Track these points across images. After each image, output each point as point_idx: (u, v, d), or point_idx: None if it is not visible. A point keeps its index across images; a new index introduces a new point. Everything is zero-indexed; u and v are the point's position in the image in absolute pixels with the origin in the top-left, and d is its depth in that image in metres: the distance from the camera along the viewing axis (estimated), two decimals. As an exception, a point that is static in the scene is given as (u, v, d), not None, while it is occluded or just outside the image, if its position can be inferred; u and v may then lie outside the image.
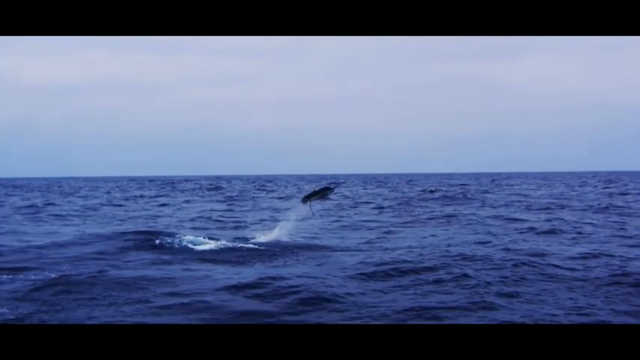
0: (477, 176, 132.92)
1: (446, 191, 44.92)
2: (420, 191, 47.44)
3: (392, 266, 11.12)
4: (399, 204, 31.90)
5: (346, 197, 40.15)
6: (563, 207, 27.59)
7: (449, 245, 14.36)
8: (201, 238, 15.79)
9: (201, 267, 12.00)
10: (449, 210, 26.48)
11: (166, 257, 13.16)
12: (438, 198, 36.60)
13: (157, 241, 15.18)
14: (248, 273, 11.12)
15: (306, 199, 15.92)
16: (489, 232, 17.17)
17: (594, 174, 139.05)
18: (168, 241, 15.35)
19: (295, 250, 13.97)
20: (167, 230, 17.61)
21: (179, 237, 15.89)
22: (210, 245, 14.78)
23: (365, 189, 56.58)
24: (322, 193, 15.40)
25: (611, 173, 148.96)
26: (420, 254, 12.61)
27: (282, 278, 10.18)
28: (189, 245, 14.80)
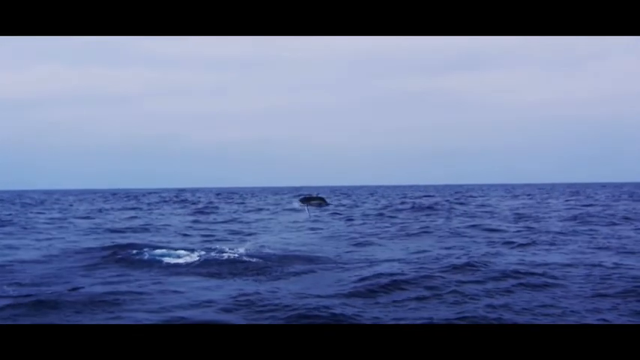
0: (438, 188, 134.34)
1: (414, 203, 45.12)
2: (388, 203, 47.62)
3: (376, 280, 10.86)
4: (368, 215, 31.81)
5: (315, 208, 40.04)
6: (531, 217, 27.93)
7: (432, 257, 14.22)
8: (175, 251, 15.28)
9: (176, 281, 11.58)
10: (423, 221, 26.50)
11: (139, 272, 12.68)
12: (409, 209, 36.70)
13: (130, 255, 14.66)
14: (224, 288, 10.74)
15: (304, 201, 15.90)
16: (468, 243, 17.15)
17: (553, 186, 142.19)
18: (142, 254, 14.84)
19: (271, 264, 13.60)
20: (139, 243, 17.06)
21: (152, 250, 15.37)
22: (185, 259, 14.31)
23: (330, 200, 56.54)
24: (318, 201, 15.37)
25: (570, 185, 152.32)
26: (402, 268, 12.39)
27: (258, 294, 9.83)
28: (163, 259, 14.31)
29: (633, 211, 30.91)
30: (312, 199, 16.09)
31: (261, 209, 40.03)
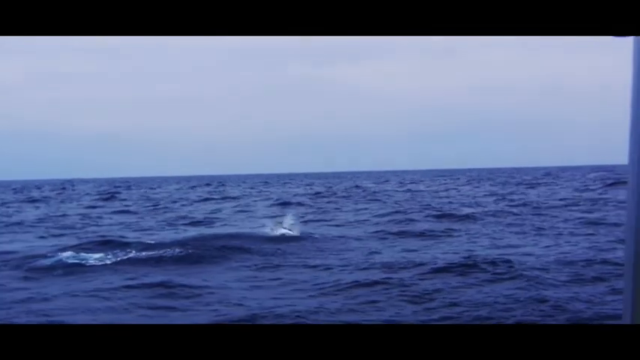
0: (326, 176, 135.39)
1: (326, 191, 44.93)
2: (305, 192, 47.21)
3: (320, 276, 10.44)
4: (271, 206, 31.20)
5: (226, 198, 39.21)
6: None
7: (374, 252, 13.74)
8: (84, 254, 13.69)
9: (85, 284, 10.54)
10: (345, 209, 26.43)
11: (39, 277, 11.36)
12: (324, 197, 36.73)
13: (34, 260, 12.96)
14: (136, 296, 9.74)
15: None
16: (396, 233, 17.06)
17: (424, 172, 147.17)
18: (47, 259, 13.12)
19: (193, 260, 12.82)
20: (37, 245, 15.53)
21: (59, 253, 13.69)
22: (96, 261, 12.91)
23: (234, 188, 55.54)
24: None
25: (441, 171, 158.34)
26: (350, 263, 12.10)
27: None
28: (73, 261, 12.84)
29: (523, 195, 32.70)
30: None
31: (169, 207, 38.53)
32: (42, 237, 18.70)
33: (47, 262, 12.88)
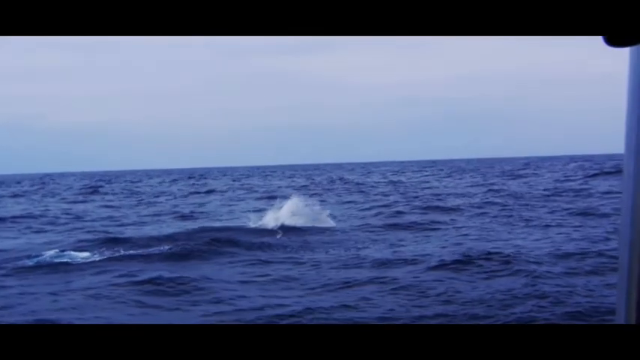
0: (306, 168, 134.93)
1: (312, 183, 44.84)
2: (284, 184, 47.07)
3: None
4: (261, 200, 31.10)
5: (211, 191, 38.94)
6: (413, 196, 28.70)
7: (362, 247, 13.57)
8: (70, 252, 13.34)
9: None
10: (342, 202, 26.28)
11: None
12: (309, 189, 36.53)
13: (21, 259, 12.59)
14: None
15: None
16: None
17: (414, 162, 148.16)
18: (29, 259, 12.68)
19: (182, 256, 12.53)
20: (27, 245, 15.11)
21: (42, 252, 13.27)
22: (86, 259, 12.55)
23: (222, 181, 55.24)
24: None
25: (427, 162, 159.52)
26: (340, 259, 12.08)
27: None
28: (59, 260, 12.46)
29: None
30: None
31: (158, 198, 38.20)
32: (25, 234, 18.36)
33: (32, 260, 12.50)
